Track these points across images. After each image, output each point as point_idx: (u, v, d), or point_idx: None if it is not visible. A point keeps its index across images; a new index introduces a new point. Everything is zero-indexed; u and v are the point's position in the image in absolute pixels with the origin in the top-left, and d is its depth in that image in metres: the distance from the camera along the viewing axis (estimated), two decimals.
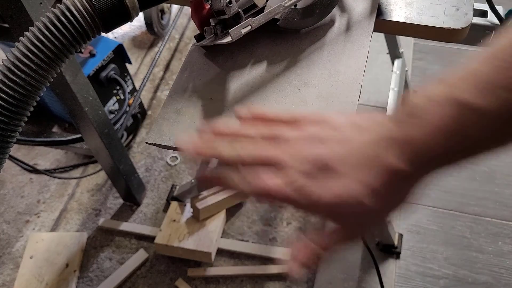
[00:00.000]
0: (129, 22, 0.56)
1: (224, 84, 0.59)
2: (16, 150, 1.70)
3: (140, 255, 1.44)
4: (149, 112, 1.80)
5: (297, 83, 0.59)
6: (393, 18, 0.65)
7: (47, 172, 1.62)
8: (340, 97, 0.57)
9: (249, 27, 0.54)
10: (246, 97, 0.58)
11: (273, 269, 1.40)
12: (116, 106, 1.56)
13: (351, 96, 0.56)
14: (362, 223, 0.39)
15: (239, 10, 0.55)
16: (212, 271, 1.40)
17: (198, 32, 0.62)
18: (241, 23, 0.55)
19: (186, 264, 1.42)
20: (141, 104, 1.73)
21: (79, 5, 0.52)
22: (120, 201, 1.57)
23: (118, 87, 1.55)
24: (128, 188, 1.47)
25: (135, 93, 1.65)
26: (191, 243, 1.38)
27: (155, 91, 1.87)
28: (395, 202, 0.38)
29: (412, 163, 0.34)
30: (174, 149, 0.55)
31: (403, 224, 1.47)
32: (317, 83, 0.58)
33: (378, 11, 0.65)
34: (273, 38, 0.63)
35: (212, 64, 0.62)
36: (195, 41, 0.64)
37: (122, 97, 1.59)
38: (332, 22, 0.64)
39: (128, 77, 1.60)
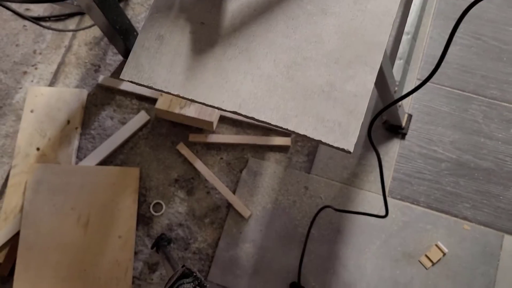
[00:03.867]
0: None
1: (220, 3, 0.47)
2: None
3: (142, 117, 1.42)
4: None
5: (313, 9, 0.46)
6: None
7: (41, 19, 1.50)
8: (366, 34, 0.45)
9: None
10: (246, 25, 0.46)
11: (275, 140, 1.38)
12: None
13: (379, 34, 0.45)
14: None
15: None
16: (214, 138, 1.39)
17: None
18: None
19: (187, 128, 1.40)
20: None
21: None
22: (120, 57, 1.49)
23: None
24: (127, 47, 1.37)
25: None
26: (193, 110, 1.34)
27: None
28: None
29: None
30: (156, 89, 0.45)
31: (414, 104, 1.40)
32: (338, 11, 0.46)
33: None
34: None
35: None
36: None
37: None
38: None
39: None
